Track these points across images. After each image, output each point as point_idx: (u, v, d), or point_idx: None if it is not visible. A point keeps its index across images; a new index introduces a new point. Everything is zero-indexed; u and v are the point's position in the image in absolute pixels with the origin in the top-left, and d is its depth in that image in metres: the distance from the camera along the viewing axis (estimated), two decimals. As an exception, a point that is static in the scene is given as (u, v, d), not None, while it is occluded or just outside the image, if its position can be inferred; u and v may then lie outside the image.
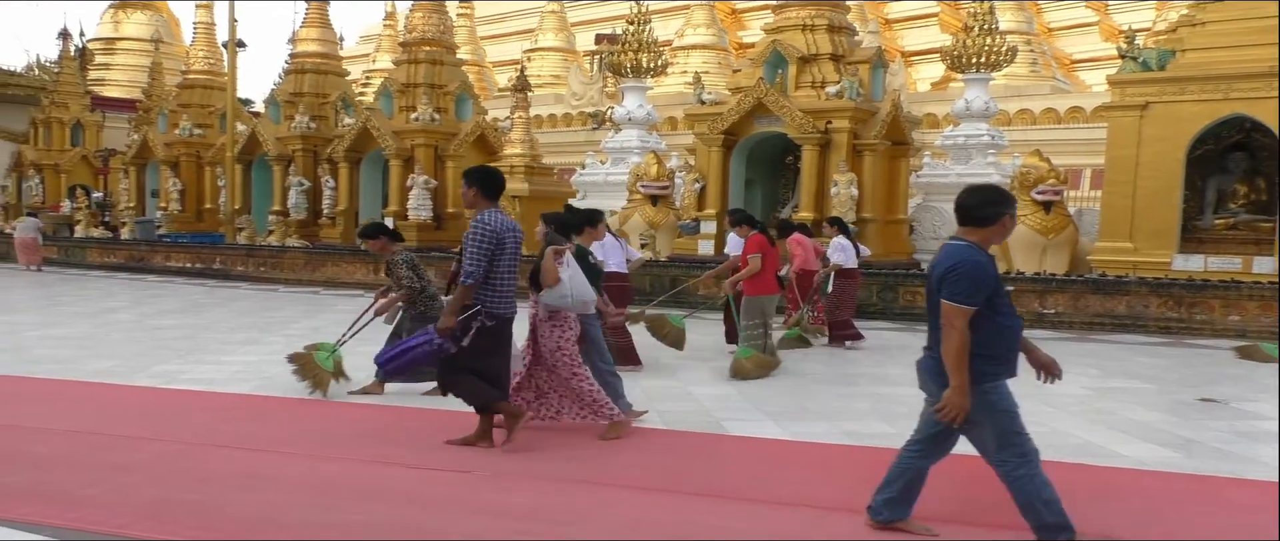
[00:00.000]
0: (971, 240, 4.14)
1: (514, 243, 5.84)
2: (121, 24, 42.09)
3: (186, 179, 26.08)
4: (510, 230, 5.82)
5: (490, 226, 5.70)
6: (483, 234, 5.67)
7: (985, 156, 18.20)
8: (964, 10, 21.44)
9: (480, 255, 5.66)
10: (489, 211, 5.79)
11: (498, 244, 5.72)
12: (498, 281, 5.80)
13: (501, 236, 5.73)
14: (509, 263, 5.83)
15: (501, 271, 5.79)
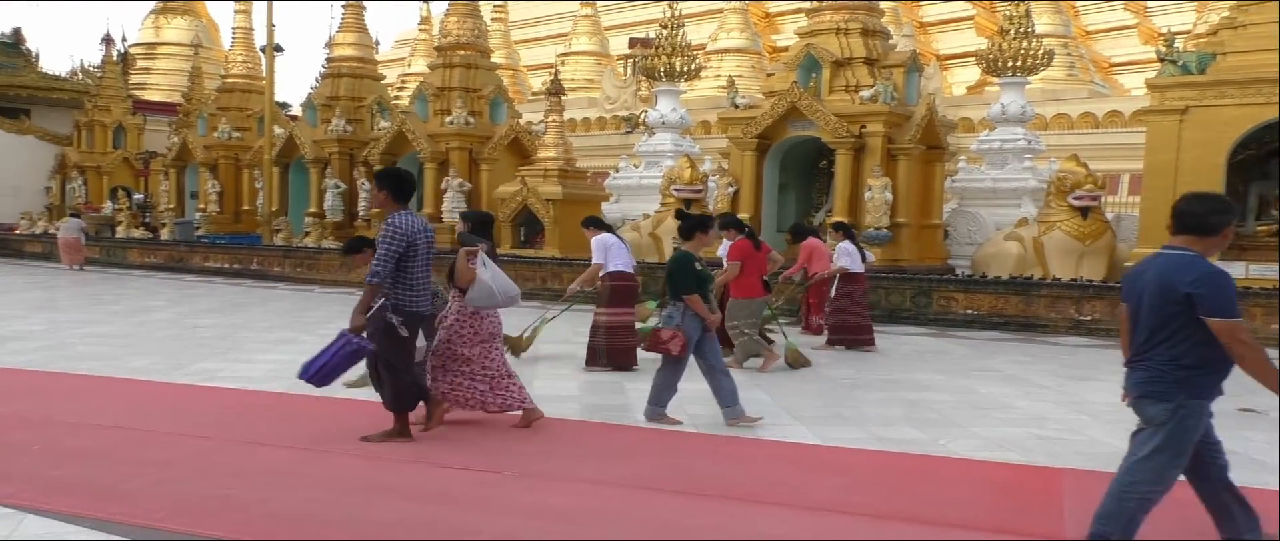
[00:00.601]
0: (1195, 250, 3.94)
1: (426, 243, 6.01)
2: (162, 29, 42.78)
3: (225, 181, 26.44)
4: (422, 231, 5.98)
5: (400, 228, 5.84)
6: (392, 235, 5.82)
7: (1021, 161, 18.03)
8: (1000, 14, 21.25)
9: (388, 256, 5.81)
10: (400, 213, 5.94)
11: (408, 245, 5.87)
12: (411, 281, 5.95)
13: (412, 238, 5.88)
14: (422, 262, 6.00)
15: (414, 271, 5.95)
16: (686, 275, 6.74)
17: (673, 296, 6.78)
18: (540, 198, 18.26)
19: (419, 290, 6.00)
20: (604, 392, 8.23)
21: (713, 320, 6.83)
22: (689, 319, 6.72)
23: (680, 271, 6.79)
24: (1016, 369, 10.28)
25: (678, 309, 6.73)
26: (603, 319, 9.24)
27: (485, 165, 20.64)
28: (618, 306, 9.24)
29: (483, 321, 6.54)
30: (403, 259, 5.88)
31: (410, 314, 5.99)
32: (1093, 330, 13.22)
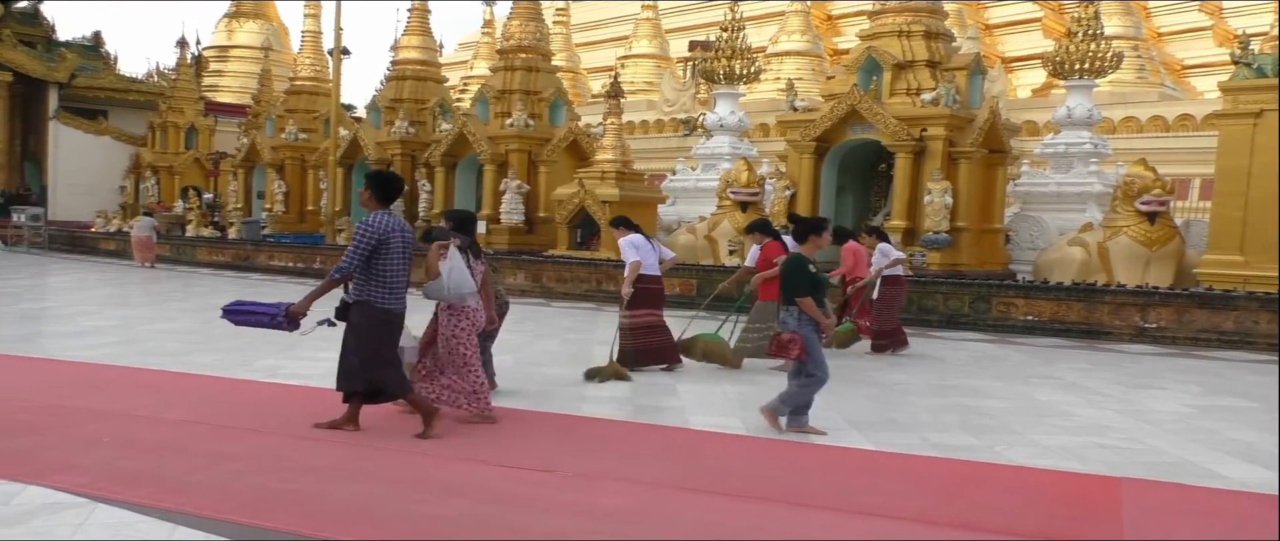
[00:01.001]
0: None
1: (401, 242, 6.20)
2: (234, 32, 43.92)
3: (291, 181, 27.03)
4: (397, 230, 6.18)
5: (373, 226, 6.10)
6: (364, 232, 6.09)
7: (1087, 165, 17.68)
8: (1068, 16, 20.86)
9: (357, 252, 6.09)
10: (378, 213, 6.21)
11: (380, 243, 6.10)
12: (384, 277, 6.17)
13: (385, 236, 6.11)
14: (396, 260, 6.19)
15: (388, 268, 6.17)
16: (801, 278, 6.73)
17: (787, 300, 6.76)
18: (597, 200, 18.38)
19: (394, 288, 6.22)
20: (656, 394, 8.28)
21: (827, 324, 6.81)
22: (805, 322, 6.68)
23: (795, 274, 6.77)
24: (1077, 376, 10.11)
25: (792, 313, 6.71)
26: (627, 321, 9.28)
27: (544, 167, 20.82)
28: (641, 308, 9.28)
29: (471, 316, 6.74)
30: (376, 257, 6.11)
31: (384, 311, 6.21)
32: (1158, 337, 12.93)
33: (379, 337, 6.26)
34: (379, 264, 6.14)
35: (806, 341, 6.64)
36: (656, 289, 9.47)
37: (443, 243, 6.61)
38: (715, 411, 7.60)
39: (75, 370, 8.65)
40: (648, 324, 9.33)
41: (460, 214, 7.23)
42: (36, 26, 37.63)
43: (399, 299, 6.27)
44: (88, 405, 7.05)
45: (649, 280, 9.35)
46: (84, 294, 16.96)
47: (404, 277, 6.28)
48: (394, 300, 6.24)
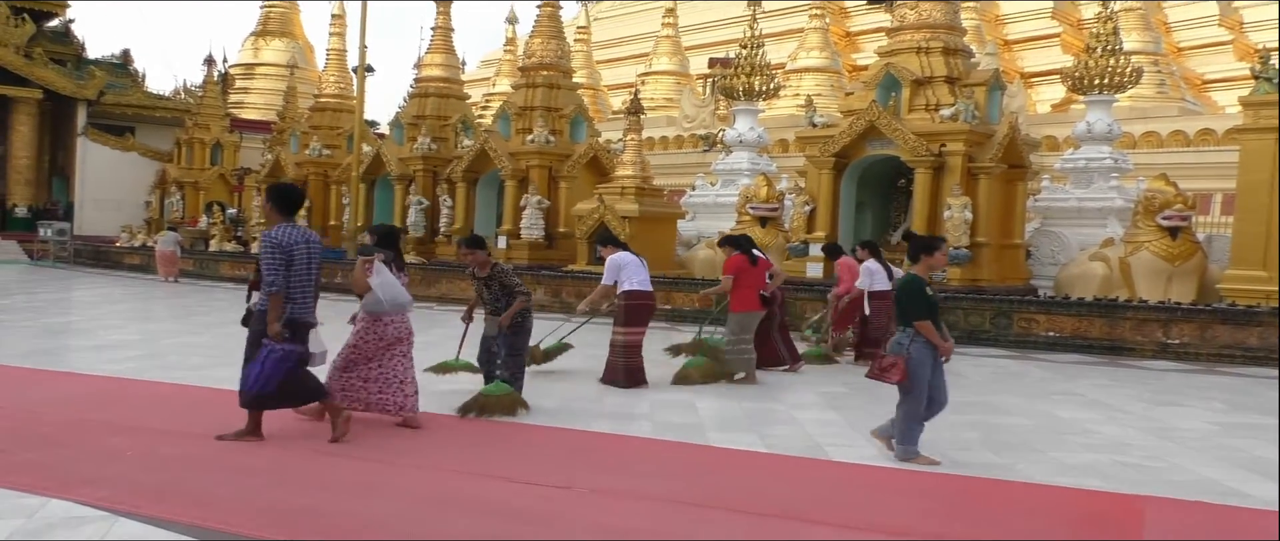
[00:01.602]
0: None
1: (306, 253, 6.39)
2: (260, 51, 44.44)
3: (314, 197, 27.23)
4: (302, 242, 6.38)
5: (276, 240, 6.27)
6: (271, 247, 6.26)
7: (1108, 180, 17.59)
8: (1087, 31, 20.80)
9: (274, 266, 6.24)
10: (280, 226, 6.38)
11: (287, 255, 6.26)
12: (291, 289, 6.33)
13: (290, 248, 6.28)
14: (301, 271, 6.36)
15: (294, 280, 6.34)
16: (918, 300, 6.44)
17: (902, 322, 6.52)
18: (617, 215, 18.42)
19: (298, 297, 6.38)
20: (676, 410, 8.28)
21: (945, 348, 6.50)
22: (919, 346, 6.41)
23: (911, 296, 6.48)
24: (1099, 393, 10.03)
25: (907, 335, 6.44)
26: (619, 337, 9.32)
27: (564, 183, 20.90)
28: (634, 325, 9.32)
29: (386, 327, 6.98)
30: (288, 270, 6.29)
31: (290, 320, 6.34)
32: (1181, 354, 12.81)
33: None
34: (289, 276, 6.32)
35: (912, 365, 6.35)
36: (649, 305, 9.51)
37: (366, 258, 6.95)
38: (735, 428, 7.59)
39: (98, 384, 8.74)
40: (638, 343, 9.39)
41: (383, 229, 7.61)
42: (67, 45, 38.26)
43: (304, 308, 6.44)
44: (110, 418, 7.13)
45: (642, 296, 9.36)
46: (108, 308, 17.14)
47: (309, 287, 6.47)
48: (298, 309, 6.40)
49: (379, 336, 6.97)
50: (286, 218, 6.51)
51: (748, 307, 9.83)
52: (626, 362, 9.29)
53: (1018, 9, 34.19)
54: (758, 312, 9.92)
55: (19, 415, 7.17)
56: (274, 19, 45.09)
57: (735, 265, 9.81)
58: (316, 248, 6.53)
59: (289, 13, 45.55)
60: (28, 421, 6.94)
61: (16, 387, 8.27)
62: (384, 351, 7.02)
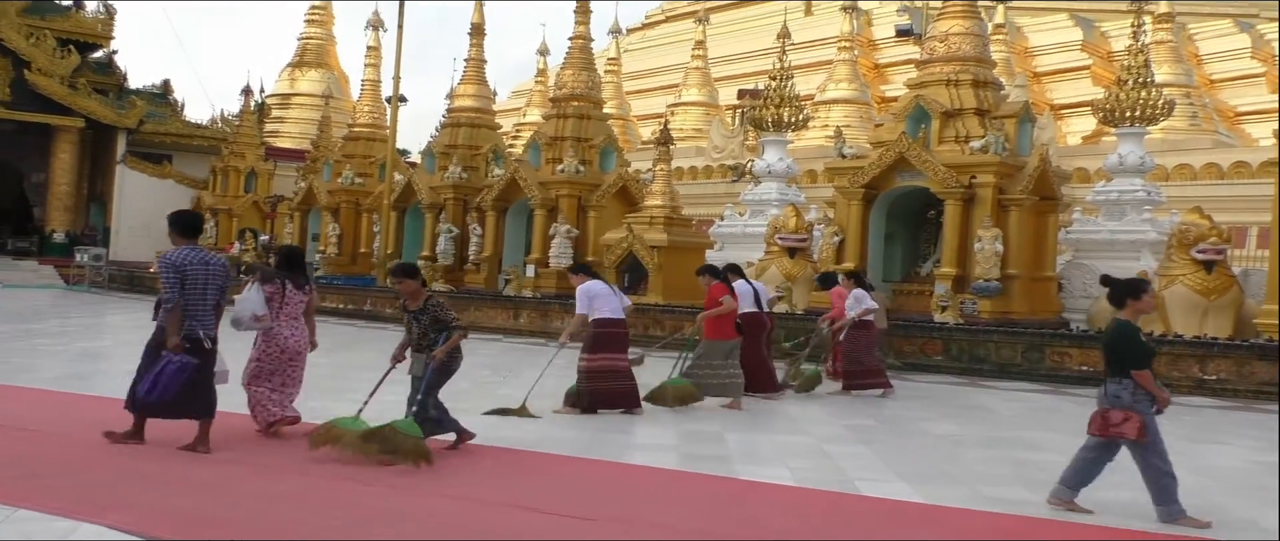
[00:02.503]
0: None
1: (203, 273, 6.88)
2: (297, 81, 45.14)
3: (345, 224, 27.52)
4: (199, 263, 6.88)
5: (169, 260, 6.83)
6: (164, 267, 6.82)
7: (1140, 213, 17.41)
8: (1117, 63, 20.70)
9: (169, 284, 6.75)
10: (178, 249, 6.93)
11: (181, 273, 6.75)
12: (188, 306, 6.79)
13: (182, 268, 6.78)
14: (197, 289, 6.84)
15: (190, 298, 6.81)
16: (1134, 347, 6.00)
17: (1116, 372, 6.03)
18: (645, 245, 18.46)
19: (194, 314, 6.83)
20: (705, 442, 8.25)
21: (1164, 397, 6.03)
22: (1140, 397, 5.96)
23: (1126, 343, 6.01)
24: (1134, 430, 9.86)
25: (1125, 386, 5.96)
26: (584, 364, 9.32)
27: (593, 212, 20.99)
28: (600, 352, 9.33)
29: (285, 340, 7.57)
30: (180, 289, 6.77)
31: (186, 336, 6.77)
32: (1217, 390, 12.59)
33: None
34: (183, 294, 6.79)
35: (1146, 420, 5.90)
36: (618, 333, 9.51)
37: (254, 275, 7.64)
38: (763, 461, 7.54)
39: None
40: (606, 368, 9.37)
41: (285, 249, 8.33)
42: (110, 76, 39.10)
43: (200, 324, 6.88)
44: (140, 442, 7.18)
45: (610, 324, 9.40)
46: (138, 333, 17.26)
47: (206, 305, 6.94)
48: (195, 325, 6.83)
49: (280, 348, 7.57)
50: (187, 240, 7.05)
51: (723, 336, 10.09)
52: (590, 388, 9.31)
53: (1047, 41, 34.12)
54: (733, 341, 10.16)
55: (52, 439, 7.26)
56: (311, 50, 45.80)
57: (721, 292, 10.07)
58: (216, 269, 7.02)
59: (325, 44, 46.26)
60: (61, 445, 7.02)
61: (49, 411, 8.37)
62: (287, 364, 7.60)
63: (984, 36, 17.50)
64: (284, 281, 7.64)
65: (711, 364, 10.11)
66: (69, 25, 37.29)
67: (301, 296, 7.73)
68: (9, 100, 34.33)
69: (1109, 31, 34.16)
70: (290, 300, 7.65)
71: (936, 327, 14.65)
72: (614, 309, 9.39)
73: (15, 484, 5.74)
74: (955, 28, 17.03)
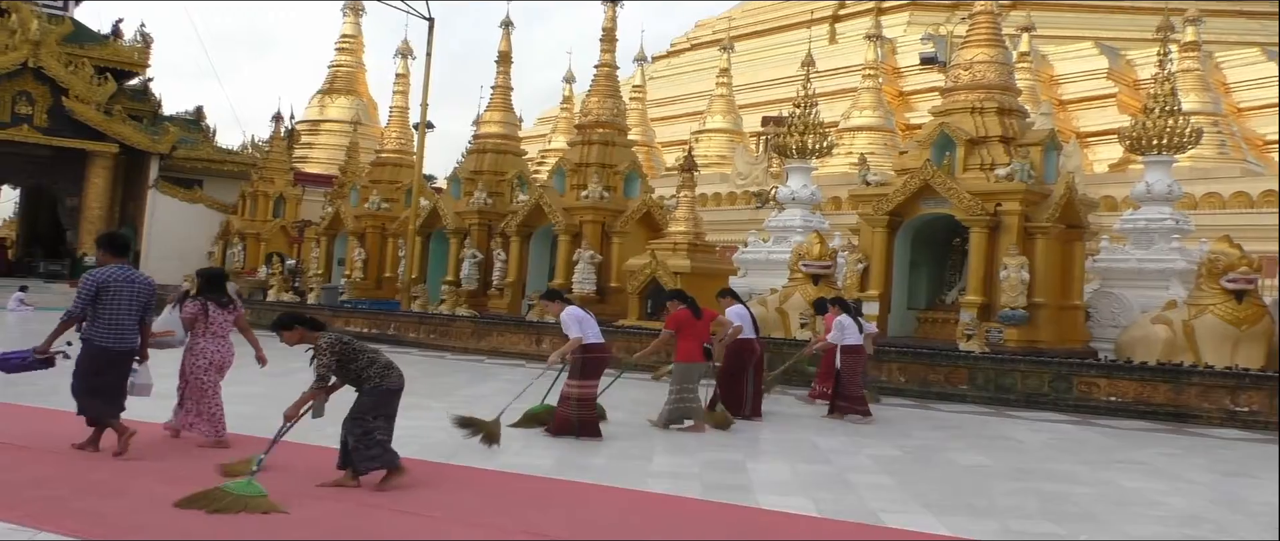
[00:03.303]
0: None
1: (128, 290, 7.44)
2: (326, 108, 45.68)
3: (370, 249, 27.69)
4: (123, 280, 7.43)
5: (92, 276, 7.36)
6: (84, 282, 7.38)
7: (1169, 241, 17.23)
8: (1144, 91, 20.58)
9: (80, 298, 7.32)
10: (104, 266, 7.48)
11: (99, 289, 7.30)
12: (104, 319, 7.33)
13: (103, 284, 7.32)
14: (117, 304, 7.37)
15: (107, 311, 7.32)
16: None
17: None
18: (669, 271, 18.46)
19: (114, 328, 7.38)
20: (726, 471, 8.21)
21: None
22: None
23: None
24: (1165, 462, 9.75)
25: None
26: (575, 390, 9.38)
27: (617, 238, 21.03)
28: (590, 378, 9.42)
29: (207, 356, 8.17)
30: (98, 302, 7.30)
31: (100, 348, 7.34)
32: (1249, 422, 12.41)
33: (91, 370, 7.35)
34: (101, 307, 7.31)
35: None
36: (606, 358, 9.65)
37: (174, 296, 8.35)
38: (786, 491, 7.50)
39: (152, 432, 8.80)
40: (592, 396, 9.49)
41: (207, 272, 8.91)
42: (145, 103, 39.88)
43: (119, 338, 7.42)
44: (165, 468, 7.23)
45: (599, 349, 9.51)
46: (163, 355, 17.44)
47: (127, 320, 7.45)
48: (113, 339, 7.38)
49: (208, 362, 8.17)
50: (115, 259, 7.61)
51: (690, 359, 10.23)
52: (580, 415, 9.37)
53: (1072, 70, 34.00)
54: (700, 364, 10.34)
55: (76, 462, 7.32)
56: (341, 77, 46.35)
57: (678, 319, 10.23)
58: (141, 287, 7.55)
59: (355, 72, 46.79)
60: (84, 468, 7.09)
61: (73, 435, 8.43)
62: (205, 375, 8.17)
63: (1009, 65, 17.46)
64: (206, 302, 8.20)
65: (691, 387, 10.25)
66: (107, 53, 38.09)
67: (226, 315, 8.30)
68: (46, 126, 35.02)
69: (1135, 60, 34.03)
70: (214, 319, 8.22)
71: (962, 356, 14.54)
72: (597, 333, 9.53)
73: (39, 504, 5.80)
74: (980, 56, 17.01)
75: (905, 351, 14.99)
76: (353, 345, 7.01)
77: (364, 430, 6.79)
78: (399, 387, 7.06)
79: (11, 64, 34.19)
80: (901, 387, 14.43)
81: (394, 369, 7.08)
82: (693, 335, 10.24)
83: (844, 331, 11.80)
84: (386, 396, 6.96)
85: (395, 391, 7.03)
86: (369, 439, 6.77)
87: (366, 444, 6.77)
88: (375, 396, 6.90)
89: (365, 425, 6.81)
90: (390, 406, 7.01)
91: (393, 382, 7.01)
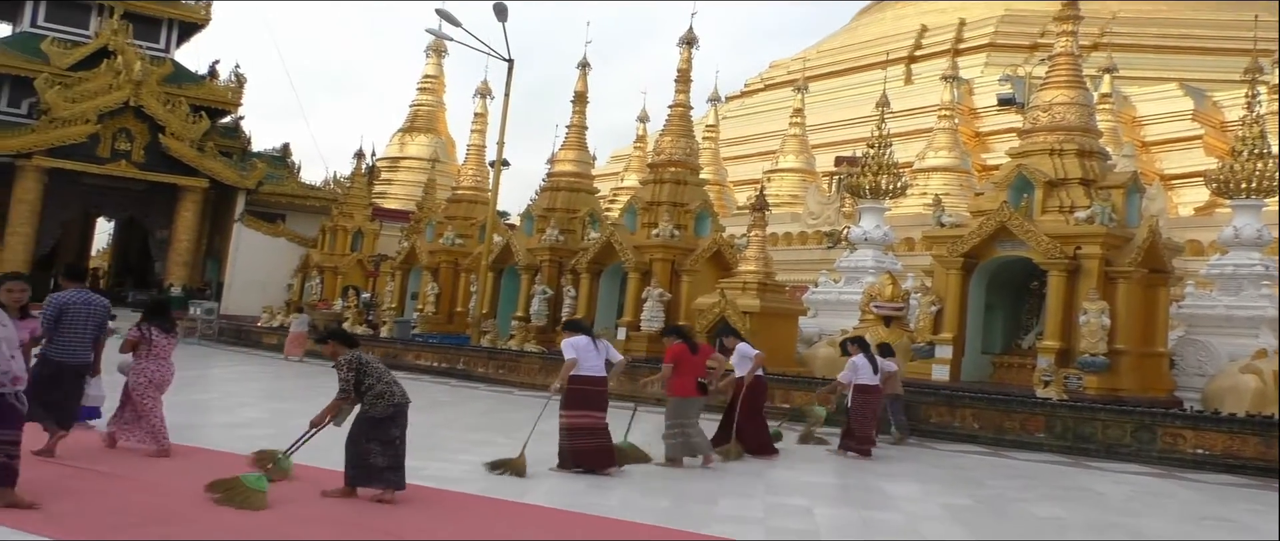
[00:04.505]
0: None
1: (84, 311, 8.35)
2: (406, 145, 46.87)
3: (443, 284, 28.11)
4: (81, 303, 8.34)
5: (54, 300, 8.28)
6: (46, 305, 8.25)
7: (1258, 288, 16.62)
8: (1231, 134, 19.98)
9: (44, 319, 8.16)
10: (66, 291, 8.42)
11: (59, 311, 8.21)
12: (61, 337, 8.23)
13: (62, 306, 8.24)
14: (73, 324, 8.26)
15: (64, 331, 8.24)
16: None
17: None
18: (738, 310, 18.34)
19: (68, 346, 8.25)
20: (792, 516, 8.07)
21: None
22: None
23: None
24: (1256, 519, 9.29)
25: None
26: (564, 420, 9.36)
27: (686, 276, 21.00)
28: (576, 409, 9.34)
29: (137, 375, 8.85)
30: (59, 322, 8.19)
31: (56, 363, 8.19)
32: (1350, 479, 11.78)
33: (44, 383, 7.93)
34: (60, 327, 8.20)
35: None
36: (596, 390, 9.51)
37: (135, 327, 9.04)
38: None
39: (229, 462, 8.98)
40: (585, 426, 9.36)
41: (153, 301, 10.18)
42: (235, 139, 41.50)
43: (73, 354, 8.29)
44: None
45: (589, 381, 9.43)
46: (242, 385, 17.91)
47: (80, 338, 8.32)
48: (67, 355, 8.25)
49: (148, 380, 8.88)
50: (74, 284, 8.67)
51: (684, 394, 10.24)
52: (571, 446, 9.33)
53: (1156, 111, 33.19)
54: (695, 399, 10.33)
55: (157, 491, 7.49)
56: (422, 116, 47.50)
57: (675, 353, 10.35)
58: (97, 308, 8.47)
59: (435, 110, 47.91)
60: (166, 499, 7.24)
61: (154, 465, 8.67)
62: (146, 392, 8.84)
63: (1089, 106, 17.11)
64: (149, 328, 8.99)
65: (688, 422, 10.25)
66: (202, 93, 39.74)
67: (168, 339, 9.16)
68: (143, 161, 36.53)
69: (1222, 102, 33.08)
70: (157, 342, 9.00)
71: (1039, 403, 14.13)
72: (594, 367, 9.52)
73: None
74: (1059, 98, 16.72)
75: (980, 397, 14.63)
76: (369, 367, 7.61)
77: (356, 451, 7.47)
78: (387, 415, 7.52)
79: (115, 103, 35.81)
80: (975, 434, 14.06)
81: (385, 397, 7.56)
82: (688, 370, 10.33)
83: (857, 371, 11.97)
84: (374, 423, 7.49)
85: (381, 420, 7.50)
86: (361, 460, 7.43)
87: (355, 464, 7.46)
88: (362, 422, 7.52)
89: (358, 447, 7.47)
90: (384, 432, 7.50)
91: (379, 411, 7.51)
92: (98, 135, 35.64)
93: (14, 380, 6.37)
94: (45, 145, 34.81)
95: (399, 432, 7.58)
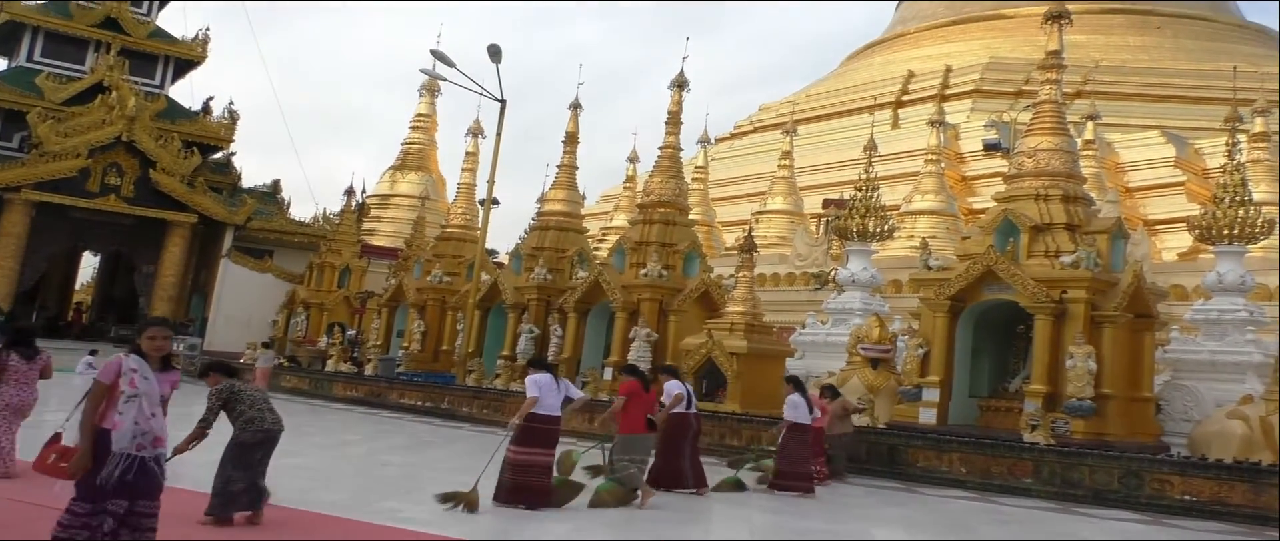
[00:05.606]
0: None
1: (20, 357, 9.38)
2: (397, 183, 46.97)
3: (430, 322, 28.00)
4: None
5: None
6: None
7: (1243, 333, 16.69)
8: (1212, 180, 20.20)
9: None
10: None
11: None
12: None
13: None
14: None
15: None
16: None
17: None
18: (725, 351, 18.32)
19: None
20: None
21: None
22: None
23: None
24: (1241, 566, 9.27)
25: None
26: (511, 455, 9.55)
27: (674, 317, 20.98)
28: (527, 446, 9.53)
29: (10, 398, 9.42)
30: None
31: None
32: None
33: None
34: None
35: None
36: (547, 429, 9.74)
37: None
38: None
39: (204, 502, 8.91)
40: (530, 463, 9.52)
41: (15, 329, 10.23)
42: (226, 175, 41.60)
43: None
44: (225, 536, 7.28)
45: (544, 420, 9.65)
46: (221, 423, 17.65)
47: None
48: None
49: (5, 405, 9.39)
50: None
51: (634, 430, 10.51)
52: (511, 480, 9.49)
53: (1139, 157, 33.64)
54: (645, 436, 10.60)
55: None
56: (413, 154, 47.64)
57: (627, 389, 10.64)
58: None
59: (427, 149, 48.06)
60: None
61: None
62: (9, 418, 9.40)
63: (1073, 152, 17.27)
64: (8, 354, 9.44)
65: (635, 458, 10.43)
66: (195, 129, 39.89)
67: (29, 366, 9.61)
68: (132, 196, 36.54)
69: (1203, 149, 33.51)
70: (17, 368, 9.48)
71: (1027, 448, 14.11)
72: (551, 405, 9.73)
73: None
74: (1044, 143, 16.87)
75: (967, 441, 14.61)
76: (241, 395, 8.11)
77: (223, 479, 7.88)
78: (256, 441, 8.01)
79: (107, 138, 35.91)
80: (962, 478, 14.03)
81: (254, 423, 8.03)
82: (639, 407, 10.56)
83: (795, 410, 12.24)
84: (243, 448, 7.97)
85: (249, 445, 7.98)
86: (222, 488, 7.82)
87: (217, 493, 7.83)
88: (231, 447, 7.98)
89: (225, 474, 7.90)
90: (248, 456, 7.97)
91: (247, 436, 8.01)
92: (88, 169, 35.70)
93: (154, 441, 5.82)
94: (34, 178, 34.81)
95: (263, 456, 8.11)
